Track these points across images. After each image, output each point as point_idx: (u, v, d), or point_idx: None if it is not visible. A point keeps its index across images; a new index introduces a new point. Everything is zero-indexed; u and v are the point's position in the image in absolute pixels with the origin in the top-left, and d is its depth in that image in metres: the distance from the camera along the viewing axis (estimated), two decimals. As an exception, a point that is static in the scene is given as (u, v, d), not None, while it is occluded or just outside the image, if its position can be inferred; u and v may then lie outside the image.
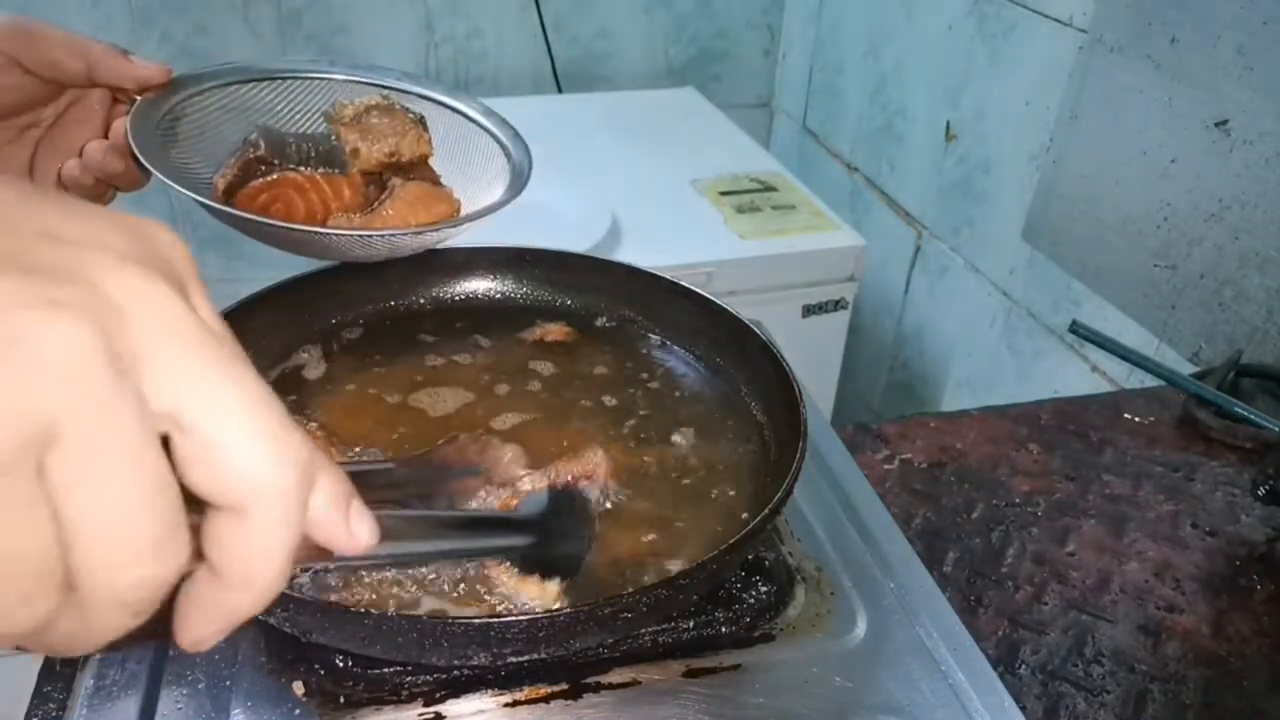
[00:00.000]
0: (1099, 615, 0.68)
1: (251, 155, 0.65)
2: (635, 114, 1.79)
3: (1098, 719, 0.60)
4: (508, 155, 0.72)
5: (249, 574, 0.25)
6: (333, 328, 0.73)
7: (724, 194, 1.50)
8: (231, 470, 0.24)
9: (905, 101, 1.63)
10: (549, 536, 0.52)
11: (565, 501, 0.56)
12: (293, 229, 0.62)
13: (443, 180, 0.72)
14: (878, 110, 1.71)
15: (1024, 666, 0.63)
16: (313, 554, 0.28)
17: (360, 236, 0.64)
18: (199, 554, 0.25)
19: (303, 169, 0.66)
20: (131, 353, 0.22)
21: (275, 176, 0.65)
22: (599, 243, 1.31)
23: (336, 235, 0.63)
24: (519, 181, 0.70)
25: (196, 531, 0.24)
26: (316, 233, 0.62)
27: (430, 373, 0.70)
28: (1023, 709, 0.54)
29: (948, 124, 1.51)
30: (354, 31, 1.81)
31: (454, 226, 0.67)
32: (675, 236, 1.39)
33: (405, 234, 0.65)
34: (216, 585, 0.25)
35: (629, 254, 1.30)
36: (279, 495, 0.25)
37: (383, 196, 0.67)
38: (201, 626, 0.26)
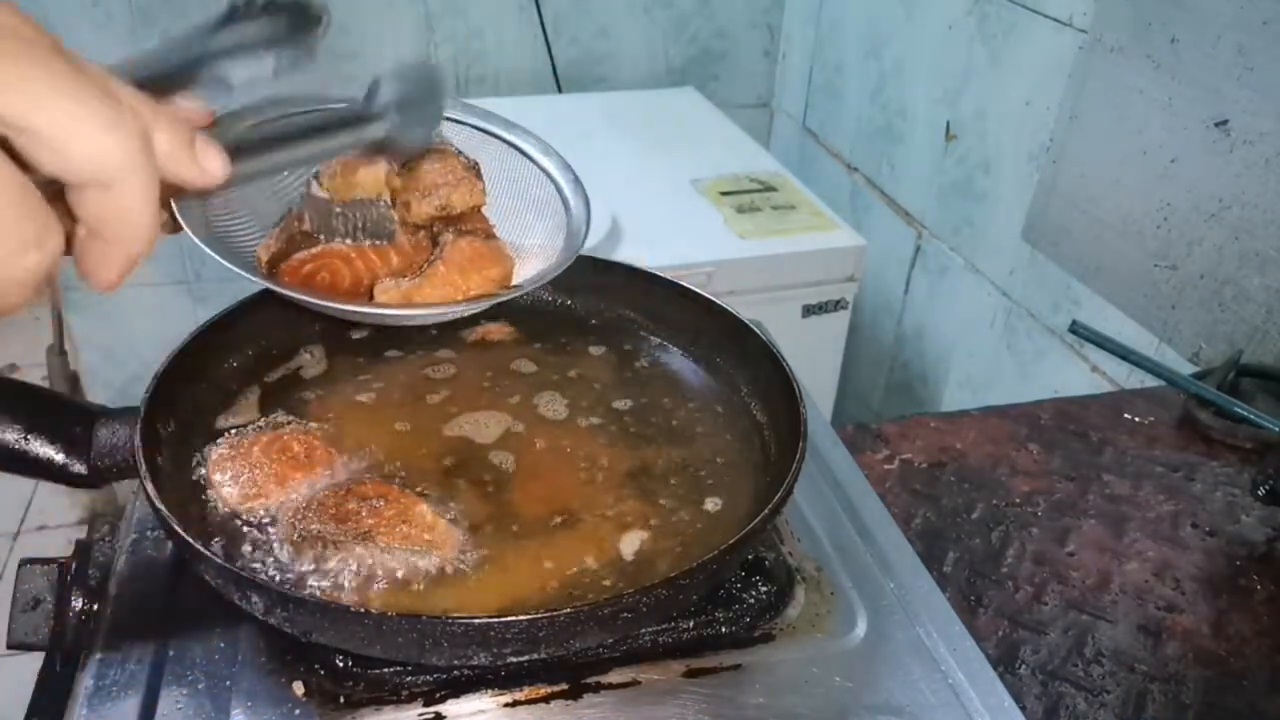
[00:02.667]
0: (1099, 615, 0.68)
1: (296, 229, 0.62)
2: (635, 114, 1.79)
3: (1098, 719, 0.60)
4: (566, 205, 0.67)
5: (124, 231, 0.30)
6: (333, 329, 0.73)
7: (724, 194, 1.50)
8: (75, 156, 0.28)
9: (905, 101, 1.63)
10: (401, 120, 0.52)
11: (416, 76, 0.53)
12: (338, 306, 0.59)
13: (495, 229, 0.66)
14: (878, 110, 1.71)
15: (1024, 666, 0.63)
16: (174, 191, 0.33)
17: (407, 315, 0.61)
18: (72, 217, 0.30)
19: (349, 241, 0.63)
20: None
21: (319, 250, 0.62)
22: (599, 243, 1.30)
23: (382, 313, 0.60)
24: (575, 239, 0.64)
25: (62, 197, 0.30)
26: (361, 310, 0.60)
27: (429, 373, 0.70)
28: (1023, 709, 0.54)
29: (948, 124, 1.51)
30: (354, 32, 1.81)
31: (505, 297, 0.63)
32: (675, 236, 1.39)
33: (453, 309, 0.61)
34: (103, 243, 0.31)
35: (629, 254, 1.30)
36: (126, 164, 0.29)
37: (432, 256, 0.62)
38: (105, 275, 0.31)
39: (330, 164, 0.62)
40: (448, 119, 0.68)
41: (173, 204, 0.57)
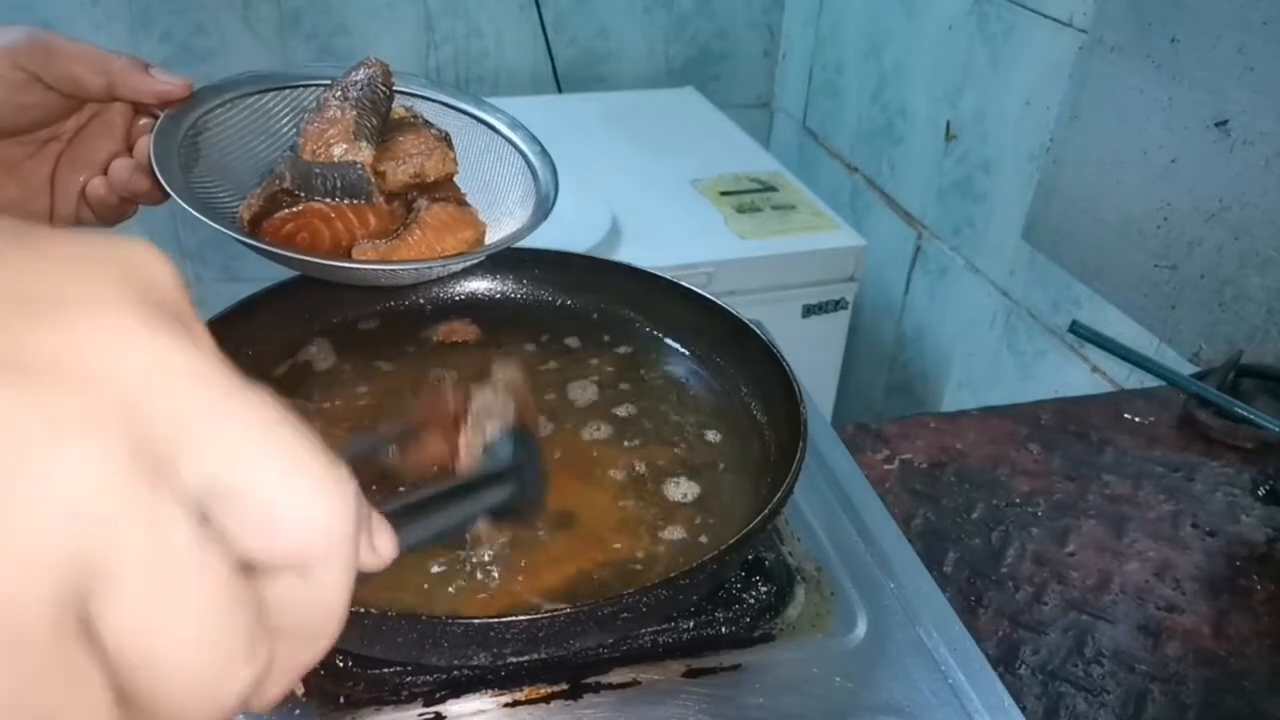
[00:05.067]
0: (1099, 615, 0.68)
1: (277, 186, 0.65)
2: (635, 114, 1.79)
3: (1098, 719, 0.60)
4: (534, 174, 0.71)
5: (318, 629, 0.23)
6: (334, 327, 0.73)
7: (724, 194, 1.50)
8: (290, 529, 0.21)
9: (905, 101, 1.63)
10: (520, 483, 0.53)
11: (521, 443, 0.56)
12: (318, 261, 0.62)
13: (467, 198, 0.70)
14: (878, 110, 1.71)
15: (1024, 666, 0.63)
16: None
17: (385, 270, 0.64)
18: None
19: (328, 200, 0.65)
20: (158, 443, 0.19)
21: (300, 207, 0.64)
22: (599, 243, 1.31)
23: (361, 268, 0.62)
24: (544, 204, 0.68)
25: None
26: (340, 266, 0.62)
27: (429, 374, 0.70)
28: (1023, 709, 0.54)
29: (948, 124, 1.51)
30: (354, 31, 1.81)
31: (479, 255, 0.66)
32: (675, 236, 1.39)
33: (430, 265, 0.64)
34: (284, 648, 0.22)
35: (629, 254, 1.30)
36: (342, 543, 0.22)
37: (407, 220, 0.65)
38: (277, 691, 0.23)
39: (310, 130, 0.64)
40: (419, 95, 0.71)
41: (155, 170, 0.59)
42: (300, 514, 0.21)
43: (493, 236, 0.67)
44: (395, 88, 0.70)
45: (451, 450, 0.60)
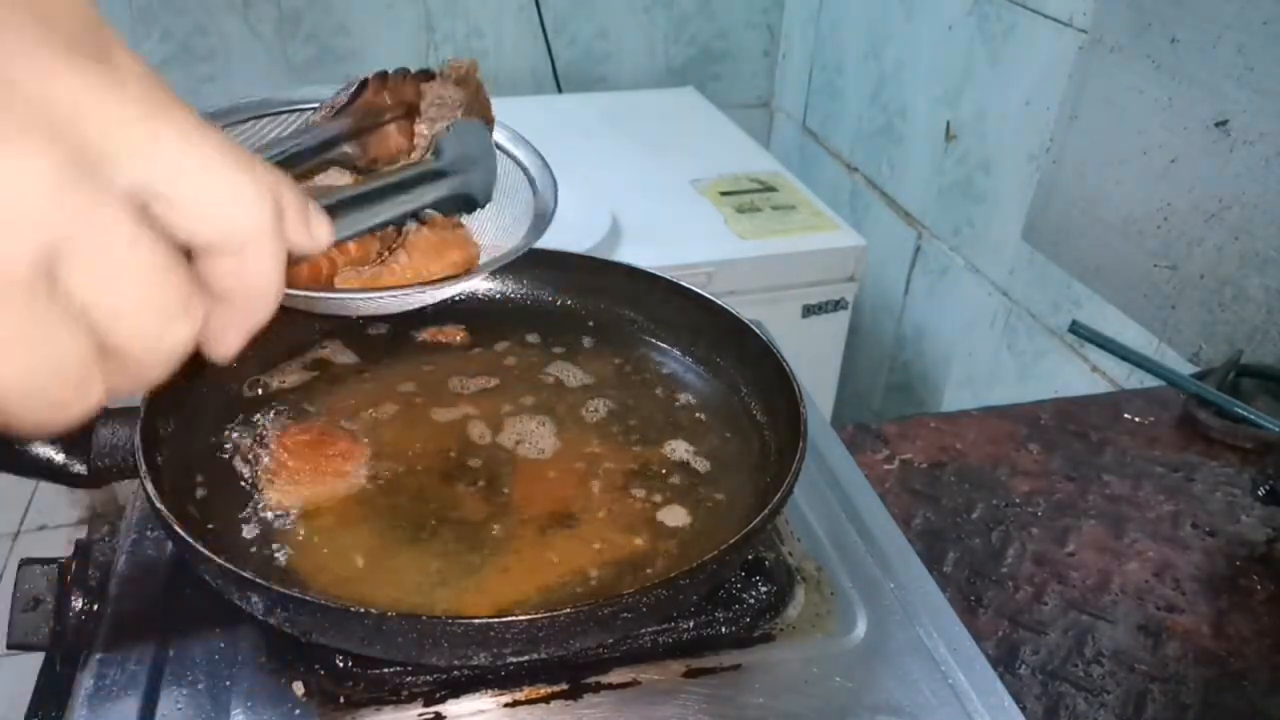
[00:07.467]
0: (1099, 615, 0.68)
1: None
2: (635, 114, 1.79)
3: (1098, 719, 0.60)
4: (534, 188, 0.68)
5: (254, 296, 0.29)
6: (333, 330, 0.73)
7: (724, 194, 1.50)
8: (214, 220, 0.27)
9: (905, 101, 1.63)
10: (467, 174, 0.55)
11: (469, 135, 0.57)
12: (294, 294, 0.58)
13: (461, 217, 0.66)
14: (878, 110, 1.71)
15: (1024, 666, 0.63)
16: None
17: (365, 299, 0.60)
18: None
19: None
20: (89, 154, 0.24)
21: None
22: (599, 243, 1.31)
23: (337, 297, 0.60)
24: (542, 221, 0.65)
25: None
26: (318, 297, 0.59)
27: (428, 374, 0.70)
28: (1023, 709, 0.54)
29: (948, 124, 1.51)
30: (354, 31, 1.81)
31: (468, 279, 0.63)
32: (675, 236, 1.39)
33: (411, 292, 0.61)
34: (229, 310, 0.28)
35: (629, 254, 1.30)
36: (263, 229, 0.27)
37: (394, 245, 0.63)
38: (228, 344, 0.29)
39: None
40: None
41: None
42: (219, 210, 0.27)
43: (489, 255, 0.65)
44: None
45: (407, 141, 0.61)
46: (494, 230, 0.68)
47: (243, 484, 0.58)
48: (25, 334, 0.23)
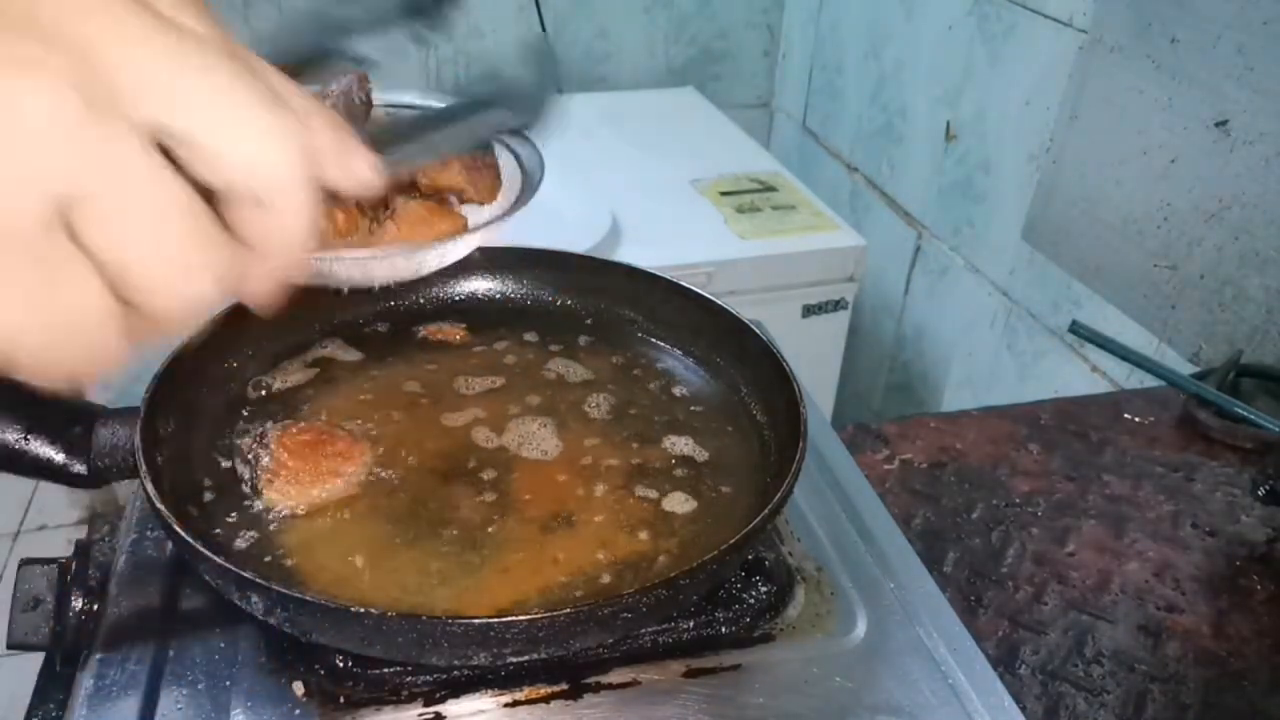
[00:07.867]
0: (1099, 615, 0.68)
1: None
2: (635, 114, 1.79)
3: (1098, 719, 0.60)
4: (518, 160, 0.69)
5: (279, 247, 0.27)
6: (334, 329, 0.73)
7: (724, 194, 1.50)
8: (237, 164, 0.25)
9: (905, 101, 1.63)
10: (525, 97, 0.53)
11: (533, 56, 0.55)
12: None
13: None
14: (878, 110, 1.71)
15: (1024, 666, 0.63)
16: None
17: (354, 259, 0.59)
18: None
19: None
20: (109, 89, 0.23)
21: None
22: (599, 243, 1.31)
23: (326, 260, 0.58)
24: (530, 187, 0.66)
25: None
26: (329, 259, 0.58)
27: (428, 374, 0.70)
28: (1023, 709, 0.54)
29: (948, 124, 1.51)
30: (354, 31, 1.81)
31: (455, 241, 0.62)
32: (675, 236, 1.39)
33: (399, 254, 0.60)
34: (260, 259, 0.27)
35: (629, 254, 1.30)
36: (287, 182, 0.26)
37: (382, 217, 0.65)
38: (258, 294, 0.28)
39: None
40: (399, 105, 0.69)
41: None
42: (244, 153, 0.25)
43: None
44: (375, 96, 0.69)
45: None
46: (486, 212, 0.67)
47: (243, 484, 0.58)
48: (42, 280, 0.22)
